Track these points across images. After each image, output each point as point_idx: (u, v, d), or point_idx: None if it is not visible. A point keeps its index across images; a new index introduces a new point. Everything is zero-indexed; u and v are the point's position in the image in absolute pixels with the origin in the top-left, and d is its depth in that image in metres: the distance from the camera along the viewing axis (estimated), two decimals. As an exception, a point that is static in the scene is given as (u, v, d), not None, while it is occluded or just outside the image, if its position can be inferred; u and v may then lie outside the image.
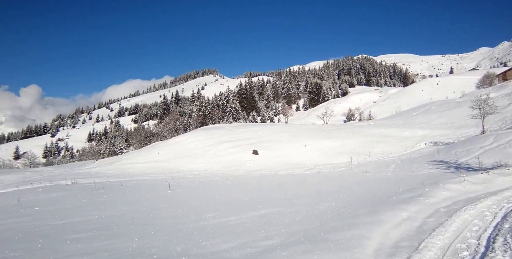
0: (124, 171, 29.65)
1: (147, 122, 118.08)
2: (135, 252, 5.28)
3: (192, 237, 6.11)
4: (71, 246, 5.94)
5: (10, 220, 10.02)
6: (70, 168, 41.32)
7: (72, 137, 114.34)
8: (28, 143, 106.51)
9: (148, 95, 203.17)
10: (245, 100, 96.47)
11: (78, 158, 77.33)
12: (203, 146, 36.02)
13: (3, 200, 16.75)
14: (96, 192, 15.65)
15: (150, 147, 45.39)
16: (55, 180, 24.55)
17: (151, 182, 20.35)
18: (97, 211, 10.24)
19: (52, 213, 10.54)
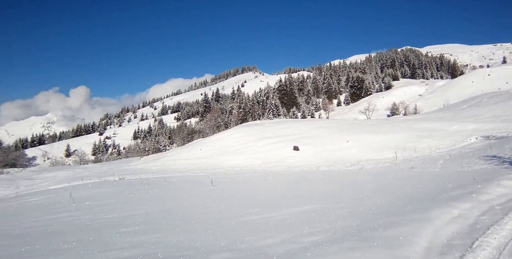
0: (168, 167, 30.48)
1: (189, 120, 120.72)
2: (181, 246, 5.34)
3: (235, 232, 6.11)
4: (120, 239, 6.14)
5: (63, 214, 10.58)
6: (117, 164, 43.17)
7: (118, 135, 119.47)
8: (78, 141, 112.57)
9: (189, 93, 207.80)
10: (285, 96, 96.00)
11: (124, 155, 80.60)
12: (243, 142, 36.24)
13: (56, 195, 17.77)
14: (142, 187, 16.16)
15: (192, 144, 46.34)
16: (103, 176, 25.71)
17: (193, 178, 20.74)
18: (143, 205, 10.55)
19: (102, 208, 11.01)
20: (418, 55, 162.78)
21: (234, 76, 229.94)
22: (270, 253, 4.70)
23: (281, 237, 5.52)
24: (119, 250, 5.34)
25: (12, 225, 9.70)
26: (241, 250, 4.93)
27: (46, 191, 21.71)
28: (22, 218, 11.29)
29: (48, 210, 12.32)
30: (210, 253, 4.86)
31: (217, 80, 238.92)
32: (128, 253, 5.09)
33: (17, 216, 12.05)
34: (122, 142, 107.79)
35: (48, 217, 10.48)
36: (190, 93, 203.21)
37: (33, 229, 8.43)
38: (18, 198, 20.15)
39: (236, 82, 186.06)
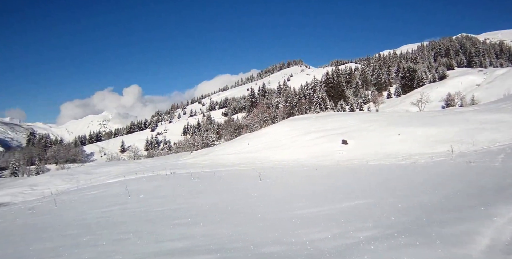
0: (217, 161, 31.11)
1: (236, 115, 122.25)
2: (232, 238, 5.43)
3: (284, 226, 6.09)
4: (173, 230, 6.37)
5: (120, 206, 11.15)
6: (168, 159, 44.79)
7: (169, 130, 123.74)
8: (132, 137, 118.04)
9: (236, 89, 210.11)
10: (332, 89, 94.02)
11: (175, 150, 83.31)
12: (290, 137, 36.09)
13: (113, 188, 18.77)
14: (192, 181, 16.63)
15: (239, 139, 46.89)
16: (156, 170, 26.76)
17: (242, 172, 21.00)
18: (194, 199, 10.86)
19: (155, 200, 11.48)
20: (475, 43, 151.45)
21: (280, 71, 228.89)
22: (321, 248, 4.63)
23: (331, 232, 5.43)
24: (172, 241, 5.54)
25: (74, 217, 10.40)
26: (290, 244, 4.92)
27: (104, 184, 23.02)
28: (83, 210, 12.07)
29: (106, 203, 13.05)
30: (260, 245, 4.89)
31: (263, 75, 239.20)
32: (180, 244, 5.25)
33: (79, 208, 12.88)
34: (172, 137, 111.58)
35: (106, 209, 11.10)
36: (237, 89, 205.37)
37: (93, 220, 8.97)
38: (79, 191, 21.54)
39: (282, 77, 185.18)
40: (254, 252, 4.61)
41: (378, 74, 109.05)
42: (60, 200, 17.17)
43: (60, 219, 10.40)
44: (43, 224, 9.75)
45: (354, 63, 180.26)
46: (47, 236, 7.25)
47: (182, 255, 4.66)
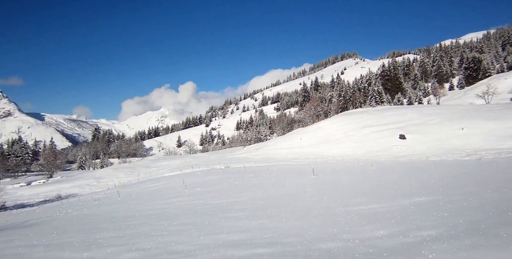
0: (270, 156, 31.24)
1: (288, 110, 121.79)
2: (287, 232, 5.41)
3: (341, 222, 5.95)
4: (228, 223, 6.48)
5: (178, 199, 11.57)
6: (222, 154, 45.76)
7: (222, 126, 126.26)
8: (187, 132, 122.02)
9: (288, 83, 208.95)
10: (389, 82, 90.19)
11: (228, 144, 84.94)
12: (345, 131, 35.28)
13: (171, 181, 19.54)
14: (246, 175, 16.84)
15: (292, 133, 46.71)
16: (211, 164, 27.48)
17: (295, 166, 20.90)
18: (248, 192, 10.98)
19: (211, 194, 11.77)
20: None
21: (333, 64, 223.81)
22: (381, 245, 4.47)
23: (391, 229, 5.21)
24: (228, 234, 5.63)
25: (136, 208, 10.95)
26: (348, 240, 4.79)
27: (162, 178, 24.05)
28: (144, 201, 12.69)
29: (165, 195, 13.61)
30: (316, 241, 4.82)
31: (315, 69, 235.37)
32: (237, 237, 5.33)
33: (140, 200, 13.57)
34: (226, 132, 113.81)
35: (165, 201, 11.57)
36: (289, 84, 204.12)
37: (153, 212, 9.39)
38: (140, 184, 22.70)
39: (336, 70, 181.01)
40: (310, 247, 4.56)
41: (439, 65, 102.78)
42: (122, 192, 18.21)
43: (122, 209, 11.01)
44: (107, 214, 10.39)
45: (413, 54, 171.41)
46: (112, 226, 7.70)
47: (239, 247, 4.72)
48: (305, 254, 4.31)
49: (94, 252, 5.25)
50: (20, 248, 6.09)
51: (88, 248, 5.56)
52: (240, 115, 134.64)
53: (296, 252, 4.39)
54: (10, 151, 69.30)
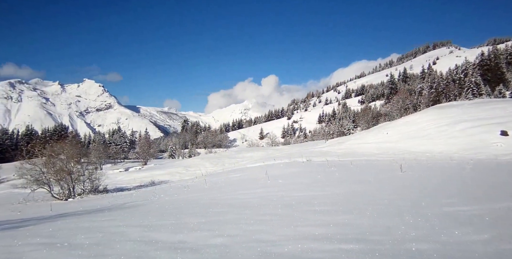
0: (353, 150, 30.34)
1: (373, 103, 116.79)
2: (373, 230, 5.20)
3: (431, 223, 5.53)
4: (312, 216, 6.45)
5: (260, 189, 11.84)
6: (304, 147, 45.62)
7: (304, 119, 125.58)
8: (270, 125, 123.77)
9: (373, 75, 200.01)
10: (488, 72, 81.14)
11: (310, 138, 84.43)
12: (436, 126, 32.75)
13: (254, 172, 20.04)
14: (328, 169, 16.60)
15: (377, 127, 44.79)
16: (292, 157, 27.57)
17: (379, 162, 20.04)
18: (331, 187, 10.81)
19: (293, 186, 11.83)
20: None
21: (424, 54, 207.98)
22: (479, 251, 4.08)
23: (490, 234, 4.73)
24: (310, 227, 5.60)
25: (221, 196, 11.46)
26: (441, 243, 4.46)
27: (246, 168, 24.79)
28: (228, 190, 13.22)
29: (248, 185, 14.02)
30: (406, 241, 4.57)
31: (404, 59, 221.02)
32: (320, 231, 5.28)
33: (225, 188, 14.16)
34: (308, 125, 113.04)
35: (249, 191, 11.92)
36: (374, 75, 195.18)
37: (238, 201, 9.73)
38: (225, 173, 23.67)
39: (427, 60, 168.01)
40: (400, 246, 4.34)
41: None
42: (209, 180, 19.16)
43: (209, 197, 11.59)
44: (196, 200, 11.02)
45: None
46: (199, 212, 8.16)
47: (323, 241, 4.67)
48: (395, 253, 4.12)
49: (185, 235, 5.61)
50: (121, 227, 6.76)
51: (180, 231, 5.96)
52: (322, 108, 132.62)
53: (385, 250, 4.21)
54: (110, 139, 77.06)
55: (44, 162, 21.78)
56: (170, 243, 5.14)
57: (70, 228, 7.27)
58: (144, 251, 4.75)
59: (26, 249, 5.31)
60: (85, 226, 7.44)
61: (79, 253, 4.84)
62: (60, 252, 4.95)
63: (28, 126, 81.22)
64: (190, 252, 4.52)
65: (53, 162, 21.79)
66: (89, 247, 5.22)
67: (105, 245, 5.29)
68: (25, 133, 76.09)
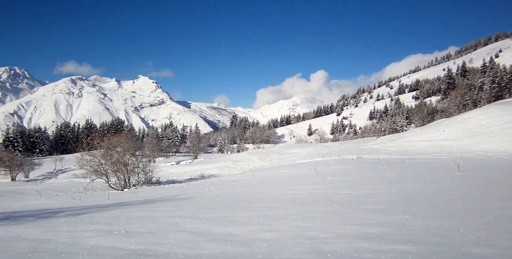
0: (406, 148, 29.17)
1: (429, 99, 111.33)
2: (430, 231, 4.94)
3: (492, 227, 5.15)
4: (363, 215, 6.27)
5: (309, 186, 11.72)
6: (354, 143, 44.59)
7: (354, 115, 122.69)
8: (318, 121, 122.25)
9: (429, 69, 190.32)
10: (561, 64, 74.35)
11: (360, 134, 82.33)
12: (499, 123, 30.59)
13: (303, 168, 19.90)
14: (379, 167, 16.08)
15: (433, 124, 42.71)
16: (342, 154, 27.05)
17: (435, 161, 19.07)
18: (382, 185, 10.46)
19: (342, 183, 11.59)
20: None
21: (485, 46, 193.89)
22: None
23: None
24: (362, 226, 5.45)
25: (269, 191, 11.49)
26: (502, 247, 4.16)
27: (294, 164, 24.68)
28: (277, 185, 13.23)
29: (297, 181, 13.95)
30: (466, 244, 4.30)
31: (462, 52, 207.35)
32: (372, 230, 5.11)
33: (276, 183, 14.19)
34: (358, 122, 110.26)
35: (297, 187, 11.85)
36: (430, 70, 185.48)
37: (286, 196, 9.71)
38: (272, 169, 23.74)
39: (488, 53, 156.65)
40: (459, 250, 4.09)
41: None
42: (257, 175, 19.32)
43: (257, 192, 11.67)
44: (244, 194, 11.15)
45: None
46: (248, 206, 8.24)
47: (376, 241, 4.52)
48: (452, 256, 3.90)
49: (235, 228, 5.69)
50: (174, 218, 6.99)
51: (230, 224, 6.05)
52: (373, 104, 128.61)
53: (442, 253, 3.99)
54: (163, 134, 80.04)
55: (102, 153, 23.07)
56: (221, 235, 5.24)
57: (126, 216, 7.64)
58: (196, 242, 4.87)
59: (87, 235, 5.65)
60: (140, 215, 7.78)
61: (135, 241, 5.07)
62: (117, 239, 5.22)
63: (88, 120, 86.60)
64: (240, 245, 4.57)
65: (110, 154, 23.02)
66: (144, 235, 5.46)
67: (159, 234, 5.50)
68: (85, 126, 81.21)
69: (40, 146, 67.67)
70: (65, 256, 4.24)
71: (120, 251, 4.50)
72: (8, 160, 37.24)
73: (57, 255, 4.29)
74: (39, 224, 7.21)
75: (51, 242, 5.22)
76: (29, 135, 67.91)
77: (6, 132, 64.28)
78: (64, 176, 38.51)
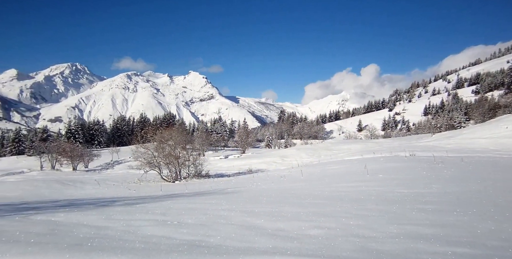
0: (464, 146, 27.60)
1: (490, 93, 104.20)
2: (490, 234, 4.64)
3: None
4: (417, 215, 6.02)
5: (359, 183, 11.46)
6: (407, 140, 42.90)
7: (408, 110, 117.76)
8: (369, 116, 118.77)
9: (492, 62, 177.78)
10: None
11: (413, 131, 79.02)
12: None
13: (352, 165, 19.50)
14: (435, 165, 15.34)
15: (495, 121, 39.99)
16: (394, 151, 26.12)
17: (497, 160, 17.88)
18: (438, 184, 9.97)
19: (395, 181, 11.20)
20: None
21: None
22: None
23: None
24: (418, 226, 5.24)
25: (318, 187, 11.39)
26: None
27: (343, 161, 24.23)
28: (326, 182, 13.07)
29: (346, 178, 13.70)
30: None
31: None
32: (428, 231, 4.90)
33: (321, 180, 14.04)
34: (411, 118, 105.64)
35: (347, 184, 11.64)
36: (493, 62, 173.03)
37: (335, 193, 9.57)
38: (320, 165, 23.46)
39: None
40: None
41: None
42: (305, 171, 19.20)
43: (305, 188, 11.61)
44: (292, 190, 11.13)
45: None
46: (296, 202, 8.23)
47: (430, 241, 4.33)
48: (517, 262, 3.66)
49: (284, 224, 5.70)
50: (224, 211, 7.15)
51: (278, 219, 6.08)
52: (428, 99, 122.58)
53: (506, 258, 3.75)
54: (212, 128, 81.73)
55: (155, 146, 24.06)
56: (270, 230, 5.28)
57: (178, 208, 7.93)
58: (245, 235, 4.95)
59: (142, 224, 5.94)
60: (191, 207, 8.05)
61: (187, 231, 5.25)
62: (171, 229, 5.43)
63: (142, 114, 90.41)
64: (290, 240, 4.58)
65: (162, 147, 23.94)
66: (195, 227, 5.64)
67: (210, 226, 5.65)
68: (139, 120, 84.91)
69: (98, 138, 71.86)
70: (123, 243, 4.48)
71: (174, 240, 4.68)
72: (70, 151, 39.97)
73: (116, 242, 4.54)
74: (98, 211, 7.69)
75: (110, 229, 5.55)
76: (88, 127, 72.31)
77: (68, 124, 69.14)
78: (120, 167, 40.62)
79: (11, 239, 4.62)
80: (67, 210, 8.01)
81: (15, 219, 6.50)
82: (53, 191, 17.89)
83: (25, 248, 4.10)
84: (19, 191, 17.45)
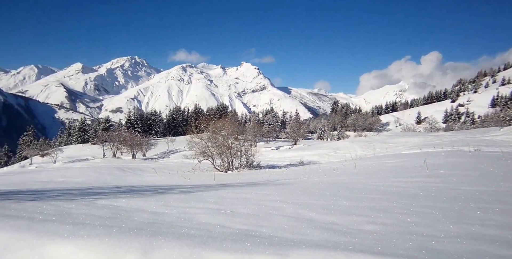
0: (538, 141, 25.51)
1: None
2: None
3: None
4: (482, 214, 5.66)
5: (417, 179, 11.02)
6: (471, 134, 40.37)
7: (473, 102, 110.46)
8: (429, 108, 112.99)
9: None
10: None
11: (479, 124, 74.09)
12: None
13: (409, 159, 18.78)
14: (503, 162, 14.33)
15: None
16: (456, 145, 24.75)
17: None
18: (505, 182, 9.31)
19: (458, 178, 10.63)
20: None
21: None
22: None
23: None
24: (480, 226, 4.95)
25: (372, 181, 11.11)
26: None
27: (399, 154, 23.40)
28: (381, 176, 12.72)
29: (403, 173, 13.23)
30: None
31: None
32: (493, 232, 4.61)
33: (376, 174, 13.69)
34: (476, 109, 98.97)
35: (404, 179, 11.22)
36: None
37: (391, 188, 9.30)
38: (375, 158, 22.83)
39: None
40: None
41: None
42: (359, 164, 18.80)
43: (359, 181, 11.38)
44: (345, 183, 10.96)
45: None
46: (350, 195, 8.11)
47: (496, 244, 4.08)
48: None
49: (336, 217, 5.65)
50: (276, 202, 7.23)
51: (331, 213, 6.03)
52: (497, 90, 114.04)
53: None
54: (264, 119, 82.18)
55: (209, 137, 24.74)
56: (323, 223, 5.26)
57: (231, 197, 8.14)
58: (298, 227, 4.97)
59: (197, 212, 6.17)
60: (244, 197, 8.21)
61: (240, 221, 5.38)
62: (224, 218, 5.60)
63: (196, 105, 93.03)
64: (343, 235, 4.53)
65: (216, 137, 24.57)
66: (248, 216, 5.76)
67: (262, 217, 5.74)
68: (194, 110, 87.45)
69: (155, 128, 75.15)
70: (180, 229, 4.69)
71: (227, 229, 4.82)
72: (130, 140, 42.29)
73: (173, 228, 4.77)
74: (157, 198, 8.09)
75: (167, 215, 5.83)
76: (146, 117, 75.84)
77: (128, 115, 73.14)
78: (175, 156, 42.29)
79: (79, 221, 5.01)
80: (128, 196, 8.52)
81: (82, 203, 7.04)
82: (115, 177, 19.10)
83: (91, 230, 4.43)
84: (85, 177, 18.85)
